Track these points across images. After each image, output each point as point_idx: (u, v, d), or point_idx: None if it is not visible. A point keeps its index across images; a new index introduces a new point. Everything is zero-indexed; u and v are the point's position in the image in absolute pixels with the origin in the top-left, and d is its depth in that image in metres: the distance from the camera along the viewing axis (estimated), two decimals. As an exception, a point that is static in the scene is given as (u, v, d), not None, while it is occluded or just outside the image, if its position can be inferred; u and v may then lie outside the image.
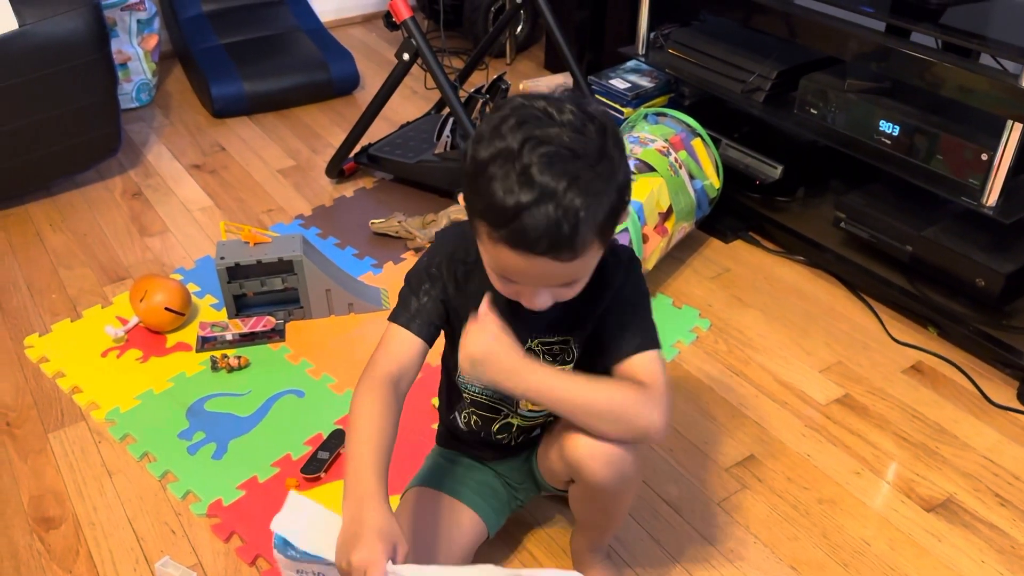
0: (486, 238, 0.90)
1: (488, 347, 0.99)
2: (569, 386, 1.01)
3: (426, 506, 1.20)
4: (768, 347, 1.75)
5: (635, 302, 1.08)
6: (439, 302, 1.07)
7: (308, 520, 0.97)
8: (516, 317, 1.03)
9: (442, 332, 1.12)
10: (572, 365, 1.12)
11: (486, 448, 1.24)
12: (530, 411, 1.17)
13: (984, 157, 1.58)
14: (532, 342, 1.09)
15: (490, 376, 0.99)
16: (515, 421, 1.18)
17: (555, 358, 1.11)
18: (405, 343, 1.06)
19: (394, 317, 1.07)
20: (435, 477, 1.25)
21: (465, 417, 1.20)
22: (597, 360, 1.10)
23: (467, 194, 0.92)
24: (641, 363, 1.04)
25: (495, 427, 1.19)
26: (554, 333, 1.09)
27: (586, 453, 1.04)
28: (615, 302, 1.07)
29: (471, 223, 0.93)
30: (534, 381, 0.99)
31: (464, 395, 1.18)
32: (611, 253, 1.05)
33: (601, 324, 1.08)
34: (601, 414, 1.01)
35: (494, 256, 0.92)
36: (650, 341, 1.06)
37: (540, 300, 0.95)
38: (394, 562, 0.88)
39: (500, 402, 1.16)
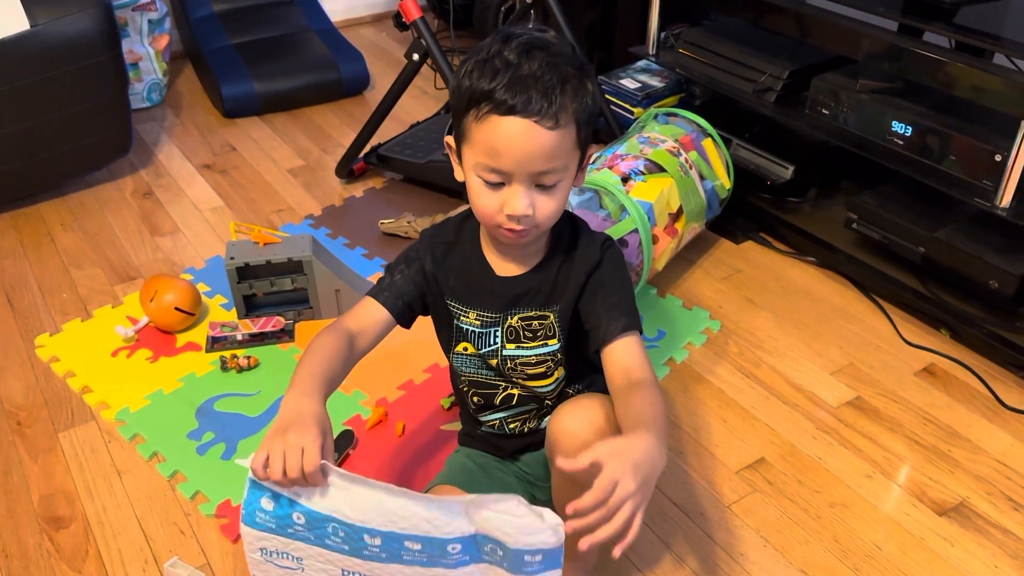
0: (473, 127, 0.96)
1: (641, 475, 0.85)
2: (658, 423, 0.95)
3: None
4: (779, 349, 1.74)
5: (620, 283, 1.10)
6: (412, 282, 1.13)
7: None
8: (489, 292, 1.11)
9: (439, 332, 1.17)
10: (559, 346, 1.13)
11: (504, 439, 1.25)
12: (525, 380, 1.17)
13: (998, 158, 1.57)
14: (512, 318, 1.11)
15: (650, 477, 0.87)
16: (515, 391, 1.19)
17: (535, 335, 1.12)
18: (369, 309, 1.13)
19: (369, 291, 1.15)
20: (456, 476, 1.25)
21: (471, 397, 1.22)
22: (583, 343, 1.11)
23: (453, 107, 0.99)
24: (629, 348, 1.06)
25: (498, 400, 1.20)
26: (531, 307, 1.11)
27: (559, 428, 1.06)
28: (599, 282, 1.09)
29: (457, 145, 1.01)
30: (652, 444, 0.89)
31: (462, 376, 1.20)
32: (588, 234, 1.11)
33: (588, 305, 1.09)
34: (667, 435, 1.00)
35: (480, 143, 0.96)
36: (635, 321, 1.08)
37: (522, 202, 0.96)
38: (324, 446, 0.91)
39: (495, 377, 1.18)
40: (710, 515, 1.39)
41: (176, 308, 1.71)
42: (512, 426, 1.23)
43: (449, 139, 1.05)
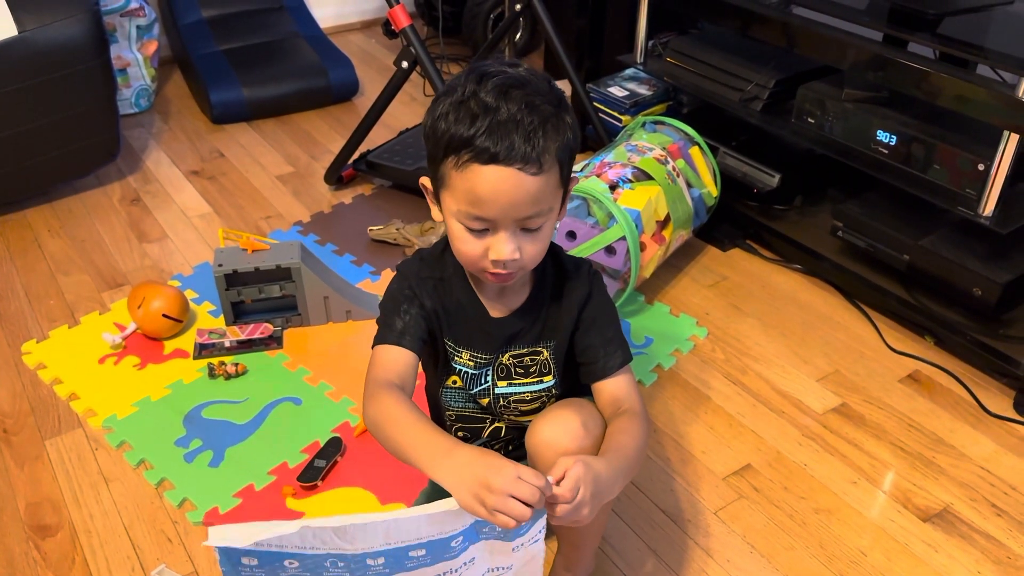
0: (453, 174, 0.92)
1: (594, 490, 0.90)
2: (621, 456, 0.98)
3: None
4: (765, 356, 1.75)
5: (610, 314, 1.10)
6: (422, 318, 1.07)
7: (242, 532, 0.88)
8: (484, 333, 1.08)
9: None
10: (554, 383, 1.11)
11: None
12: (516, 417, 1.16)
13: (981, 167, 1.59)
14: (503, 356, 1.10)
15: (595, 505, 0.91)
16: (502, 425, 1.18)
17: (527, 371, 1.11)
18: (397, 356, 1.04)
19: (381, 339, 1.06)
20: (441, 492, 1.23)
21: (456, 432, 1.20)
22: (577, 377, 1.11)
23: (429, 151, 0.95)
24: (621, 383, 1.07)
25: (485, 435, 1.19)
26: (523, 344, 1.09)
27: (538, 440, 1.04)
28: (592, 316, 1.08)
29: (435, 188, 0.97)
30: (609, 478, 0.93)
31: (447, 411, 1.18)
32: (570, 263, 1.10)
33: (584, 341, 1.08)
34: (639, 461, 1.02)
35: (462, 192, 0.92)
36: (628, 354, 1.09)
37: (507, 247, 0.93)
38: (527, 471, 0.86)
39: (483, 412, 1.16)
40: (696, 521, 1.40)
41: (164, 315, 1.71)
42: (495, 448, 1.21)
43: (425, 180, 1.00)
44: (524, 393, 1.12)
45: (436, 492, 1.25)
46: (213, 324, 1.81)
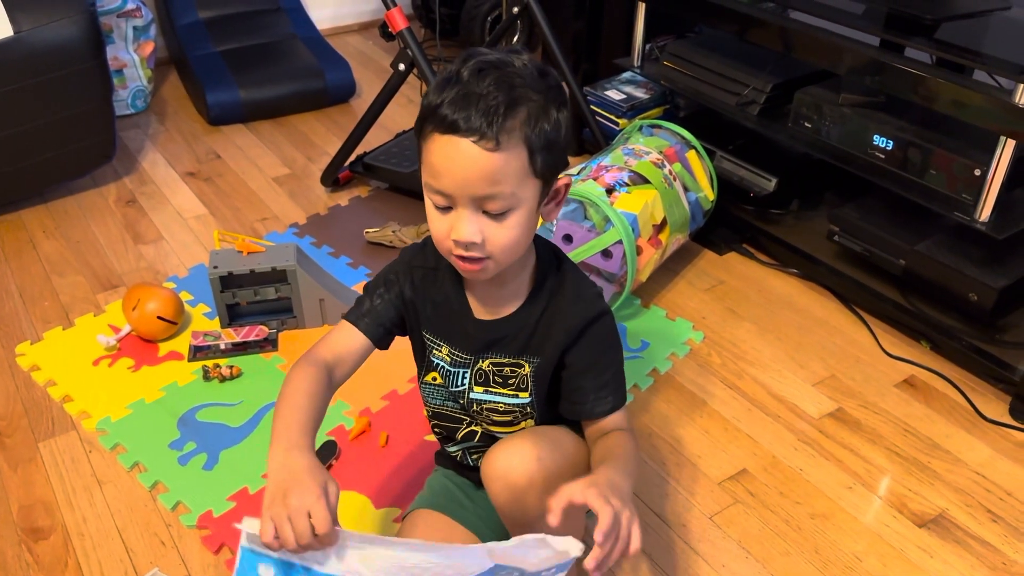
0: (422, 145, 0.93)
1: (606, 485, 0.89)
2: (627, 463, 0.98)
3: (428, 528, 1.18)
4: (761, 360, 1.75)
5: (610, 358, 1.06)
6: (392, 306, 1.09)
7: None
8: (464, 331, 1.07)
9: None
10: (529, 400, 1.08)
11: (467, 470, 1.23)
12: (489, 425, 1.14)
13: (977, 172, 1.59)
14: (483, 362, 1.08)
15: (625, 495, 0.91)
16: (478, 430, 1.16)
17: (505, 381, 1.08)
18: (348, 336, 1.08)
19: (346, 315, 1.10)
20: (439, 499, 1.23)
21: (433, 428, 1.20)
22: (556, 397, 1.09)
23: (416, 129, 0.95)
24: (613, 421, 1.06)
25: (459, 436, 1.18)
26: (505, 353, 1.07)
27: (490, 472, 1.03)
28: (589, 359, 1.04)
29: (420, 161, 0.96)
30: (621, 480, 0.93)
31: (427, 405, 1.18)
32: (582, 286, 1.06)
33: (575, 380, 1.05)
34: (636, 466, 1.01)
35: (426, 163, 0.93)
36: (621, 400, 1.06)
37: (466, 227, 0.91)
38: (329, 504, 0.86)
39: (460, 412, 1.15)
40: (692, 526, 1.39)
41: (159, 317, 1.71)
42: (474, 457, 1.20)
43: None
44: (498, 403, 1.10)
45: (432, 496, 1.25)
46: (208, 326, 1.81)
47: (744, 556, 1.35)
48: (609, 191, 1.76)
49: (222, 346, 1.72)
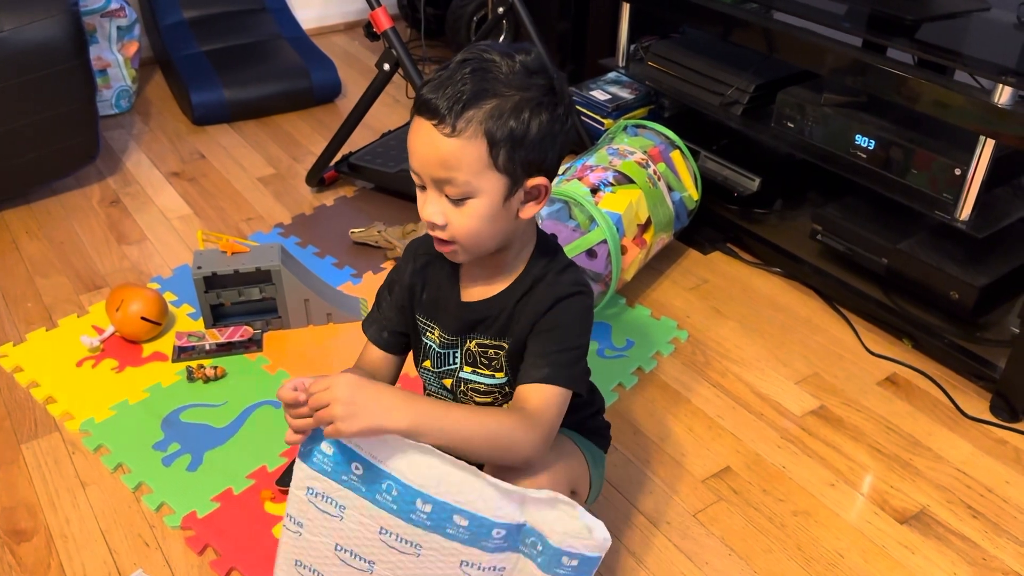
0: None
1: (355, 391, 0.91)
2: (446, 414, 0.95)
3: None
4: (745, 358, 1.75)
5: (566, 335, 1.03)
6: (395, 308, 1.13)
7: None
8: (449, 313, 1.09)
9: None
10: (505, 380, 1.09)
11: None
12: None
13: (957, 172, 1.60)
14: (470, 343, 1.09)
15: (369, 419, 0.91)
16: None
17: (489, 363, 1.09)
18: (372, 353, 1.16)
19: (363, 324, 1.17)
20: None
21: None
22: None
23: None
24: (538, 392, 1.00)
25: None
26: (487, 335, 1.08)
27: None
28: (546, 326, 1.03)
29: None
30: (412, 413, 0.92)
31: (425, 391, 1.20)
32: (565, 274, 1.06)
33: (529, 342, 1.04)
34: (476, 440, 0.96)
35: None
36: (560, 378, 1.01)
37: (429, 207, 0.96)
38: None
39: (448, 396, 1.16)
40: (675, 524, 1.40)
41: (142, 318, 1.70)
42: None
43: None
44: (480, 383, 1.11)
45: None
46: (192, 327, 1.80)
47: (727, 553, 1.36)
48: (594, 191, 1.76)
49: (206, 347, 1.72)
